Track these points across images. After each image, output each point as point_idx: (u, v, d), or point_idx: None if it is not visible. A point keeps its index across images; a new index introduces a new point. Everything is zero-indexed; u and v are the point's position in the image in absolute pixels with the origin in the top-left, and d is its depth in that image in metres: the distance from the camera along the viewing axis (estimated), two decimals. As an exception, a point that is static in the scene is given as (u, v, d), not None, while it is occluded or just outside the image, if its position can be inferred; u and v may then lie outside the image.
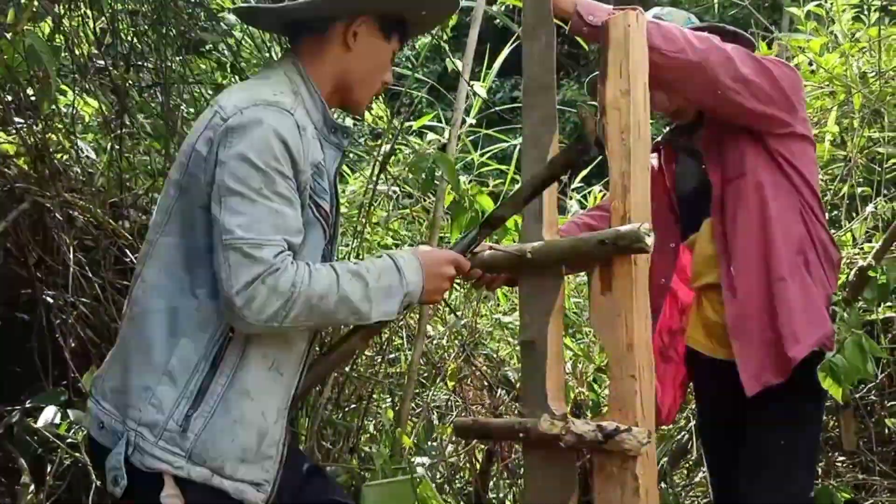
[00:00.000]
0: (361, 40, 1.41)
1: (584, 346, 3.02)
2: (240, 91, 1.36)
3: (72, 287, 2.36)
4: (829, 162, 2.82)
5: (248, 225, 1.20)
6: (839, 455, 2.72)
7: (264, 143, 1.23)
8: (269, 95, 1.30)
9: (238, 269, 1.19)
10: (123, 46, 2.64)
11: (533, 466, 1.64)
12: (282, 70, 1.40)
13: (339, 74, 1.43)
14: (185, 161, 1.31)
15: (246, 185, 1.22)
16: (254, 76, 1.43)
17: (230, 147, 1.24)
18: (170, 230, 1.31)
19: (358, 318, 1.32)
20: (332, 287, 1.27)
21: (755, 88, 1.75)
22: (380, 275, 1.33)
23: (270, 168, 1.23)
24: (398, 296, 1.35)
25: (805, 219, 1.82)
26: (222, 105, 1.31)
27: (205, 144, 1.28)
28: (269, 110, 1.27)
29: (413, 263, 1.38)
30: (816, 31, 2.95)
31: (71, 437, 2.01)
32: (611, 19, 1.56)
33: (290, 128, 1.27)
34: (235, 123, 1.26)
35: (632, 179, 1.50)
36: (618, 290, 1.50)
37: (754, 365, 1.76)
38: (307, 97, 1.38)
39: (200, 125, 1.32)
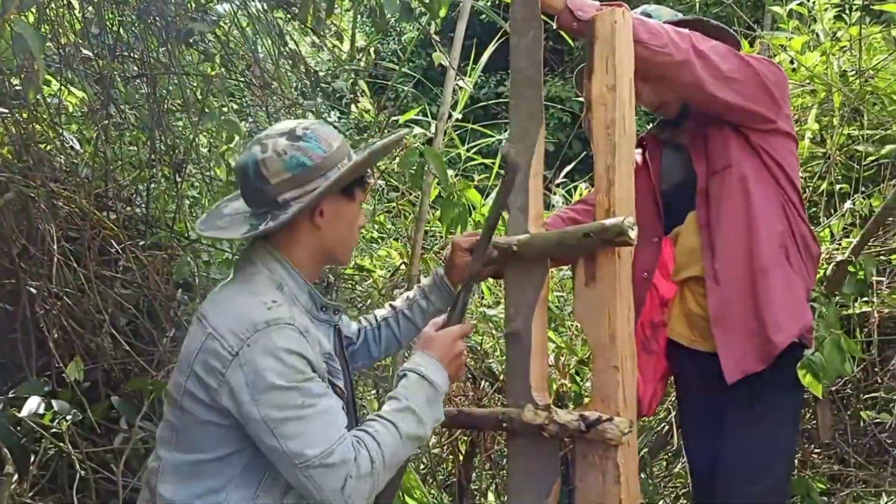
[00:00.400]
0: (329, 215, 1.41)
1: (566, 338, 3.06)
2: (230, 307, 1.33)
3: (56, 277, 2.35)
4: (808, 159, 2.87)
5: (312, 441, 1.26)
6: (815, 447, 2.77)
7: (283, 366, 1.27)
8: (265, 312, 1.30)
9: (325, 482, 1.26)
10: (109, 36, 2.63)
11: (516, 455, 1.67)
12: (261, 264, 1.39)
13: (317, 251, 1.44)
14: (183, 382, 1.33)
15: (288, 408, 1.26)
16: (237, 278, 1.39)
17: (254, 386, 1.26)
18: (179, 447, 1.36)
19: (420, 443, 1.43)
20: (397, 437, 1.35)
21: (739, 85, 1.77)
22: (417, 396, 1.40)
23: (298, 382, 1.27)
24: (438, 401, 1.43)
25: (787, 213, 1.85)
26: (218, 330, 1.30)
27: (207, 372, 1.30)
28: (272, 332, 1.28)
29: (433, 364, 1.45)
30: (798, 29, 3.00)
31: (55, 427, 2.00)
32: (598, 15, 1.58)
33: (297, 339, 1.30)
34: (247, 359, 1.27)
35: (616, 174, 1.52)
36: (601, 282, 1.53)
37: (736, 352, 1.79)
38: (293, 285, 1.40)
39: (193, 344, 1.33)
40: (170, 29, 2.53)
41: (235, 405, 1.28)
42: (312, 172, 1.36)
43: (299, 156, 1.36)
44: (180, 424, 1.35)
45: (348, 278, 3.13)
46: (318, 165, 1.37)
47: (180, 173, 2.81)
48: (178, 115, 3.04)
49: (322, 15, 2.50)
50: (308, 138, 1.38)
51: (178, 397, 1.35)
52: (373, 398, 2.96)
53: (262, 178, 1.36)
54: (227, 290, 1.38)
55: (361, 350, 1.75)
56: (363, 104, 3.19)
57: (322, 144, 1.38)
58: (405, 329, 1.77)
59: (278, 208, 1.36)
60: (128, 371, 2.52)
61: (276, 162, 1.35)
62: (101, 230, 2.52)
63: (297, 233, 1.41)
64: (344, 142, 1.43)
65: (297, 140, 1.37)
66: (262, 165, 1.36)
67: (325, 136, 1.40)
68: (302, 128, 1.39)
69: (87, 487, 2.12)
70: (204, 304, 1.39)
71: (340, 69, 3.34)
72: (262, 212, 1.38)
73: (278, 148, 1.36)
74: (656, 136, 2.10)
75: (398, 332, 1.76)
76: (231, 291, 1.37)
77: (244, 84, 3.04)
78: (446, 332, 1.53)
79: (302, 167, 1.36)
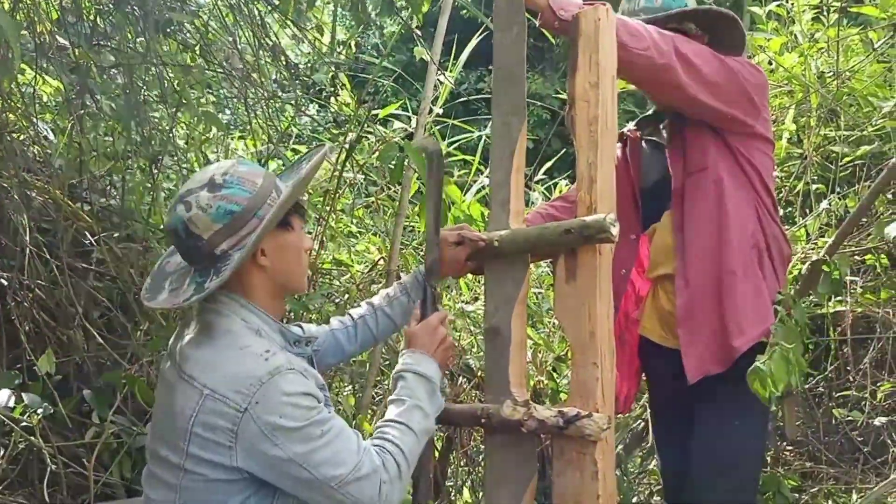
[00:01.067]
0: (271, 252, 1.40)
1: (543, 335, 3.07)
2: (222, 365, 1.32)
3: (28, 269, 2.31)
4: (785, 159, 2.90)
5: (340, 461, 1.30)
6: (787, 444, 2.81)
7: (295, 409, 1.29)
8: (264, 364, 1.30)
9: (362, 493, 1.31)
10: (85, 25, 2.57)
11: (494, 451, 1.67)
12: (232, 315, 1.38)
13: (271, 288, 1.43)
14: (183, 445, 1.31)
15: (311, 441, 1.29)
16: (214, 335, 1.36)
17: (273, 435, 1.28)
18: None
19: (430, 435, 1.53)
20: (412, 436, 1.42)
21: (720, 90, 1.79)
22: (418, 392, 1.47)
23: (312, 416, 1.31)
24: (436, 392, 1.51)
25: (759, 214, 1.87)
26: (218, 390, 1.29)
27: (212, 432, 1.29)
28: (277, 382, 1.29)
29: (422, 358, 1.52)
30: (777, 30, 3.03)
31: (25, 421, 1.97)
32: (581, 13, 1.58)
33: (301, 381, 1.32)
34: (258, 413, 1.27)
35: (598, 171, 1.52)
36: (582, 278, 1.53)
37: (697, 353, 1.82)
38: (265, 327, 1.40)
39: (187, 407, 1.31)
40: (148, 18, 2.48)
41: (257, 457, 1.29)
42: (243, 216, 1.34)
43: (224, 204, 1.33)
44: (183, 484, 1.33)
45: (326, 273, 3.11)
46: (246, 208, 1.35)
47: (156, 165, 2.76)
48: (156, 105, 3.00)
49: (303, 7, 2.48)
50: (229, 184, 1.35)
51: (178, 461, 1.32)
52: (349, 394, 2.95)
53: (194, 236, 1.34)
54: (210, 349, 1.35)
55: (331, 350, 1.75)
56: (343, 97, 3.16)
57: (245, 186, 1.36)
58: (384, 326, 1.78)
59: (219, 260, 1.35)
60: (100, 364, 2.48)
61: (202, 217, 1.33)
62: (74, 222, 2.48)
63: (248, 276, 1.40)
64: (268, 174, 1.41)
65: (219, 189, 1.34)
66: (190, 224, 1.34)
67: (247, 176, 1.37)
68: (220, 174, 1.36)
69: (57, 482, 2.08)
70: (184, 363, 1.35)
71: (320, 62, 3.31)
72: (203, 267, 1.37)
73: (201, 203, 1.34)
74: (637, 133, 2.11)
75: (376, 330, 1.77)
76: (216, 350, 1.34)
77: (222, 75, 3.00)
78: (425, 323, 1.58)
79: (230, 215, 1.34)
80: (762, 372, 1.67)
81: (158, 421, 1.41)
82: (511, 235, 1.63)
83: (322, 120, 4.09)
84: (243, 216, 1.34)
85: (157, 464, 1.38)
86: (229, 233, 1.34)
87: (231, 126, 3.93)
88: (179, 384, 1.34)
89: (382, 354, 2.82)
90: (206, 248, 1.35)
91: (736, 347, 1.76)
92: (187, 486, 1.33)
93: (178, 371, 1.35)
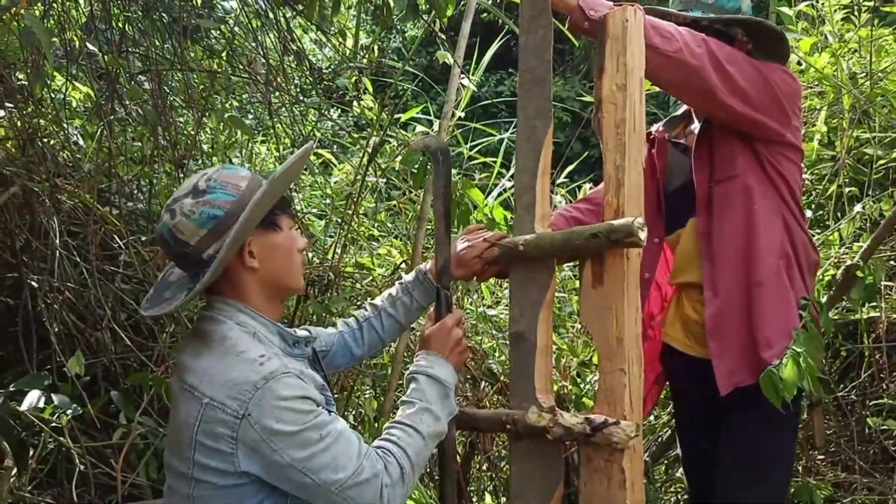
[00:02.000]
0: (260, 253, 1.40)
1: (567, 340, 3.04)
2: (220, 373, 1.31)
3: (58, 272, 2.34)
4: (816, 161, 2.85)
5: (340, 465, 1.30)
6: (819, 454, 2.75)
7: (293, 413, 1.28)
8: (259, 370, 1.30)
9: (363, 497, 1.31)
10: (114, 32, 2.62)
11: (519, 458, 1.65)
12: (229, 321, 1.38)
13: (265, 289, 1.42)
14: (190, 455, 1.32)
15: (310, 445, 1.29)
16: (211, 343, 1.36)
17: (271, 440, 1.27)
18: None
19: (440, 439, 1.50)
20: (419, 439, 1.41)
21: (749, 96, 1.75)
22: (430, 395, 1.47)
23: (310, 420, 1.30)
24: (449, 395, 1.50)
25: (787, 223, 1.84)
26: (216, 398, 1.29)
27: (214, 439, 1.30)
28: (273, 386, 1.28)
29: (437, 360, 1.52)
30: (807, 31, 2.98)
31: (55, 422, 1.99)
32: (609, 13, 1.56)
33: (297, 384, 1.31)
34: (255, 418, 1.27)
35: (626, 174, 1.50)
36: (609, 283, 1.51)
37: (728, 365, 1.79)
38: (263, 330, 1.40)
39: (189, 417, 1.31)
40: (175, 25, 2.52)
41: (257, 462, 1.29)
42: (228, 220, 1.35)
43: (207, 210, 1.34)
44: (196, 494, 1.34)
45: (348, 276, 3.12)
46: (230, 211, 1.35)
47: (182, 169, 2.80)
48: (181, 111, 3.03)
49: (328, 12, 2.49)
50: (212, 189, 1.36)
51: (187, 471, 1.33)
52: (370, 397, 2.95)
53: (181, 242, 1.35)
54: (208, 357, 1.35)
55: (340, 352, 1.75)
56: (366, 102, 3.17)
57: (229, 189, 1.36)
58: (389, 327, 1.78)
59: (207, 265, 1.35)
60: (127, 366, 2.51)
61: (187, 224, 1.34)
62: (103, 225, 2.51)
63: (239, 280, 1.40)
64: (253, 177, 1.41)
65: (202, 195, 1.35)
66: (176, 231, 1.35)
67: (230, 180, 1.38)
68: (204, 180, 1.37)
69: (86, 482, 2.11)
70: (183, 374, 1.35)
71: (344, 66, 3.33)
72: (194, 273, 1.38)
73: (185, 210, 1.35)
74: (664, 134, 2.08)
75: (382, 331, 1.77)
76: (213, 358, 1.34)
77: (245, 80, 3.02)
78: (441, 325, 1.57)
79: (214, 219, 1.34)
80: (774, 377, 1.64)
81: (170, 433, 1.42)
82: (536, 239, 1.61)
83: (343, 124, 4.10)
84: (227, 220, 1.34)
85: (172, 476, 1.39)
86: (215, 237, 1.35)
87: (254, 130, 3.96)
88: (182, 395, 1.35)
89: (405, 358, 2.81)
90: (195, 254, 1.36)
91: (766, 359, 1.73)
92: (199, 494, 1.33)
93: (181, 382, 1.36)
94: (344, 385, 2.93)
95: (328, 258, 2.95)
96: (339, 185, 3.43)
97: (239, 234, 1.34)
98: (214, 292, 1.42)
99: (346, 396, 2.86)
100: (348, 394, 2.88)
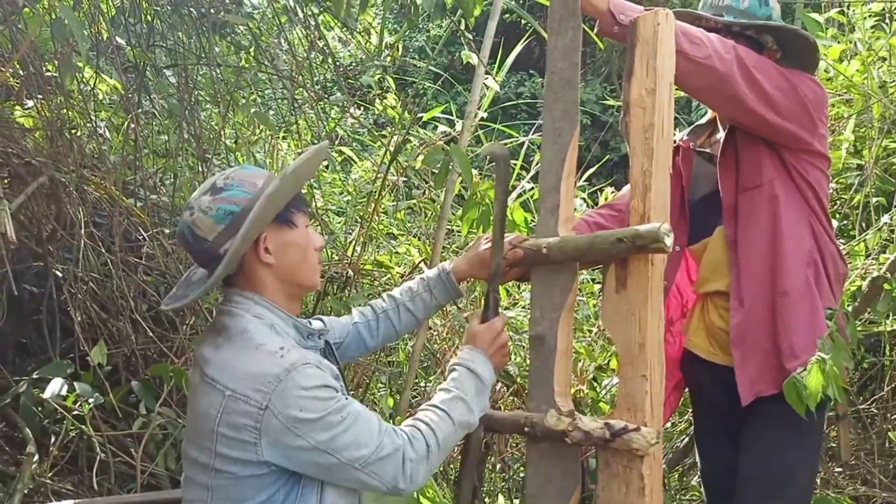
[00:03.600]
0: (275, 248, 1.42)
1: (584, 344, 3.03)
2: (241, 366, 1.33)
3: (82, 262, 2.37)
4: (843, 170, 2.81)
5: (361, 442, 1.33)
6: (838, 466, 2.72)
7: (314, 401, 1.31)
8: (279, 361, 1.32)
9: (385, 472, 1.35)
10: (142, 26, 2.64)
11: (536, 460, 1.65)
12: (247, 314, 1.40)
13: (281, 284, 1.44)
14: (211, 446, 1.34)
15: (332, 428, 1.32)
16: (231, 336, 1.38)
17: (295, 427, 1.30)
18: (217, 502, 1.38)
19: (469, 430, 1.53)
20: (449, 423, 1.45)
21: (779, 104, 1.73)
22: (467, 386, 1.51)
23: (331, 406, 1.33)
24: (484, 392, 1.53)
25: (815, 232, 1.82)
26: (238, 390, 1.31)
27: (237, 430, 1.31)
28: (294, 377, 1.30)
29: (479, 357, 1.56)
30: (836, 38, 2.94)
31: (77, 410, 2.02)
32: (640, 17, 1.55)
33: (316, 374, 1.33)
34: (279, 409, 1.29)
35: (653, 179, 1.49)
36: (633, 289, 1.50)
37: (750, 375, 1.77)
38: (280, 322, 1.41)
39: (211, 408, 1.33)
40: (204, 20, 2.54)
41: (282, 449, 1.32)
42: (243, 215, 1.37)
43: (224, 206, 1.37)
44: (215, 483, 1.36)
45: (367, 274, 3.13)
46: (245, 208, 1.37)
47: (205, 163, 2.82)
48: (207, 105, 3.06)
49: (355, 10, 2.50)
50: (229, 187, 1.39)
51: (207, 461, 1.36)
52: (386, 394, 2.96)
53: (200, 238, 1.38)
54: (229, 349, 1.37)
55: (354, 344, 1.77)
56: (388, 100, 3.18)
57: (245, 187, 1.39)
58: (405, 321, 1.79)
59: (223, 260, 1.37)
60: (147, 356, 2.54)
61: (205, 220, 1.37)
62: (127, 217, 2.54)
63: (256, 274, 1.42)
64: (270, 176, 1.43)
65: (219, 192, 1.39)
66: (194, 227, 1.38)
67: (247, 178, 1.41)
68: (222, 179, 1.41)
69: (105, 470, 2.13)
70: (205, 367, 1.37)
71: (368, 64, 3.34)
72: (213, 268, 1.40)
73: (203, 206, 1.38)
74: (689, 143, 2.06)
75: (398, 324, 1.78)
76: (233, 351, 1.36)
77: (270, 76, 3.04)
78: (489, 325, 1.61)
79: (231, 215, 1.37)
80: (798, 384, 1.62)
81: (189, 424, 1.44)
82: (560, 243, 1.60)
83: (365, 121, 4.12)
84: (243, 215, 1.37)
85: (190, 466, 1.41)
86: (232, 233, 1.37)
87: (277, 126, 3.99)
88: (203, 387, 1.37)
89: (421, 358, 2.82)
90: (212, 249, 1.38)
91: (790, 370, 1.71)
92: (219, 484, 1.36)
93: (202, 374, 1.38)
94: (360, 382, 2.94)
95: (347, 255, 2.96)
96: (360, 183, 3.45)
97: (252, 225, 1.36)
98: (233, 287, 1.44)
99: (363, 393, 2.87)
100: (364, 391, 2.89)
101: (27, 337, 2.52)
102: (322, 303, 2.76)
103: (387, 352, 3.09)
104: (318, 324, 1.66)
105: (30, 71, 2.31)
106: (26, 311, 2.51)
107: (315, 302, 2.76)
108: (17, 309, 2.48)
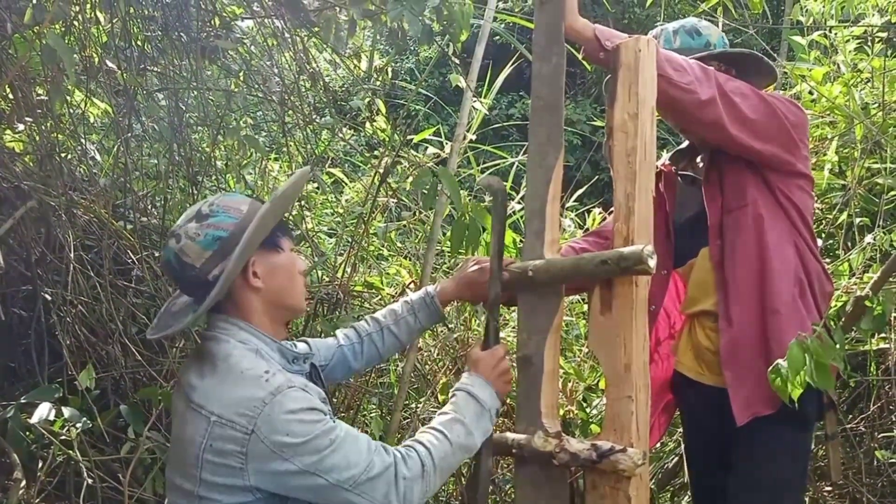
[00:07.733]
0: (263, 273, 1.43)
1: (574, 364, 3.03)
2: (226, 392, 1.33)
3: (71, 285, 2.37)
4: (827, 190, 2.85)
5: (351, 463, 1.32)
6: (827, 485, 2.72)
7: (301, 425, 1.30)
8: (265, 385, 1.32)
9: (376, 491, 1.33)
10: (133, 50, 2.66)
11: (524, 482, 1.65)
12: (232, 340, 1.40)
13: (268, 309, 1.45)
14: (196, 473, 1.33)
15: (320, 451, 1.31)
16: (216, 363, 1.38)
17: (283, 451, 1.29)
18: None
19: (469, 454, 1.52)
20: (446, 444, 1.44)
21: (760, 127, 1.76)
22: (466, 410, 1.50)
23: (318, 429, 1.32)
24: (485, 416, 1.53)
25: (800, 250, 1.84)
26: (224, 416, 1.31)
27: (223, 456, 1.31)
28: (280, 401, 1.30)
29: (480, 382, 1.55)
30: (819, 60, 2.99)
31: (64, 435, 2.00)
32: (622, 43, 1.58)
33: (303, 397, 1.33)
34: (265, 433, 1.29)
35: (636, 202, 1.51)
36: (617, 310, 1.52)
37: (744, 395, 1.78)
38: (265, 347, 1.42)
39: (196, 434, 1.33)
40: (193, 44, 2.56)
41: (269, 474, 1.31)
42: (231, 241, 1.38)
43: (211, 231, 1.38)
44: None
45: (357, 295, 3.14)
46: (233, 233, 1.39)
47: (196, 185, 2.83)
48: (196, 128, 3.07)
49: (343, 34, 2.53)
50: (215, 213, 1.40)
51: (192, 488, 1.35)
52: (377, 416, 2.95)
53: (187, 265, 1.39)
54: (213, 375, 1.37)
55: (339, 366, 1.78)
56: (378, 122, 3.21)
57: (231, 213, 1.40)
58: (389, 344, 1.80)
59: (212, 286, 1.38)
60: (136, 380, 2.52)
61: (192, 246, 1.38)
62: (116, 240, 2.54)
63: (244, 299, 1.43)
64: (253, 202, 1.45)
65: (205, 219, 1.40)
66: (181, 254, 1.39)
67: (232, 204, 1.42)
68: (207, 206, 1.42)
69: (93, 495, 2.11)
70: (191, 393, 1.37)
71: (358, 87, 3.37)
72: (200, 296, 1.40)
73: (190, 233, 1.39)
74: (671, 167, 2.09)
75: (381, 347, 1.79)
76: (218, 376, 1.36)
77: (260, 99, 3.07)
78: (492, 352, 1.61)
79: (219, 240, 1.38)
80: (782, 370, 1.61)
81: (173, 451, 1.43)
82: (545, 265, 1.62)
83: (356, 144, 4.14)
84: (231, 241, 1.38)
85: (175, 493, 1.40)
86: (219, 258, 1.38)
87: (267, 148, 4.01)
88: (189, 413, 1.36)
89: (411, 379, 2.82)
90: (200, 275, 1.38)
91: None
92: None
93: (187, 401, 1.37)
94: (350, 404, 2.93)
95: (338, 276, 2.97)
96: (351, 204, 3.46)
97: (245, 248, 1.37)
98: (219, 312, 1.44)
99: (353, 416, 2.86)
100: (354, 413, 2.88)
101: (15, 361, 2.51)
102: (312, 324, 2.76)
103: (378, 373, 3.08)
104: (304, 346, 1.66)
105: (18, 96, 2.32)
106: (15, 335, 2.50)
107: (305, 324, 2.76)
108: (5, 333, 2.47)
